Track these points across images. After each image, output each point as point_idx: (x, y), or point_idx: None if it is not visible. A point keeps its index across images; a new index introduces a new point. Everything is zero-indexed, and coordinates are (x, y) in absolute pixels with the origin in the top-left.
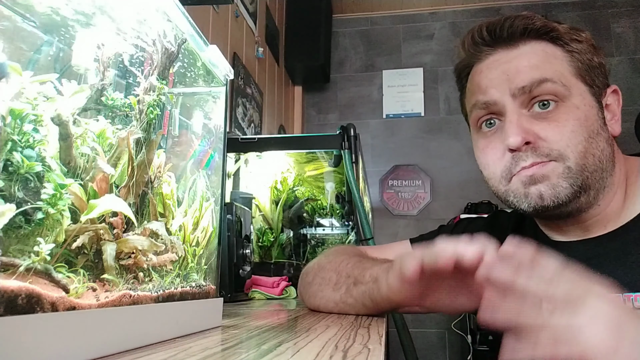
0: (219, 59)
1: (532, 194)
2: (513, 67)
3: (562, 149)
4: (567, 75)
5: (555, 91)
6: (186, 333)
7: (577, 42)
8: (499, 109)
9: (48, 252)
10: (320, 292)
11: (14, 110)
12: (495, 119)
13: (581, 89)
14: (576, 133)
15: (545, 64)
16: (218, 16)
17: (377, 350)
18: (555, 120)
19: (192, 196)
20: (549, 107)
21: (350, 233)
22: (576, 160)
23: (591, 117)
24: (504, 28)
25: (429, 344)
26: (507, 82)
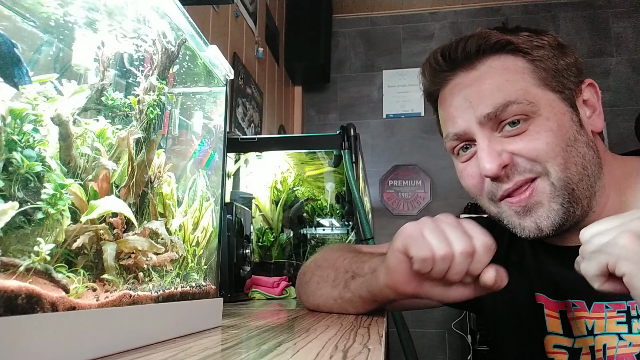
0: (219, 59)
1: (528, 226)
2: (474, 92)
3: (542, 163)
4: (532, 89)
5: (522, 111)
6: (186, 333)
7: (539, 49)
8: (469, 137)
9: (48, 252)
10: (319, 290)
11: (14, 110)
12: (470, 145)
13: (549, 99)
14: (551, 144)
15: (506, 84)
16: (218, 16)
17: (377, 350)
18: (528, 134)
19: (192, 196)
20: (518, 124)
21: (350, 233)
22: (557, 174)
23: (565, 124)
24: (457, 50)
25: (429, 344)
26: (472, 110)
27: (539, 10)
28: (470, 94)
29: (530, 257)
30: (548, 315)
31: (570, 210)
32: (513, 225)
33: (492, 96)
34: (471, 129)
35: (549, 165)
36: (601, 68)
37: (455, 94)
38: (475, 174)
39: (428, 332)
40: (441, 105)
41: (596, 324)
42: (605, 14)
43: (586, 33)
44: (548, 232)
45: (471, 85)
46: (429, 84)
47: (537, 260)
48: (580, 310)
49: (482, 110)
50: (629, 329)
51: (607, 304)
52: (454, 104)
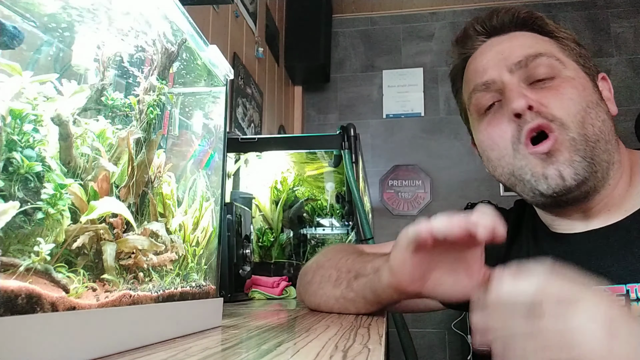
0: (219, 59)
1: (552, 174)
2: (506, 47)
3: (563, 117)
4: (559, 54)
5: (550, 64)
6: (186, 333)
7: (562, 32)
8: (498, 86)
9: (48, 252)
10: (321, 289)
11: (14, 110)
12: (495, 103)
13: (574, 67)
14: (574, 102)
15: (537, 44)
16: (218, 16)
17: (377, 350)
18: (554, 89)
19: (192, 196)
20: (545, 81)
21: (350, 233)
22: (576, 129)
23: (588, 88)
24: (493, 19)
25: (429, 344)
26: (503, 61)
27: (539, 10)
28: (502, 49)
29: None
30: None
31: (593, 166)
32: (536, 176)
33: (523, 49)
34: (501, 76)
35: (568, 120)
36: (601, 68)
37: (487, 51)
38: (502, 122)
39: (428, 332)
40: (469, 67)
41: None
42: (605, 14)
43: (586, 33)
44: (572, 183)
45: (502, 43)
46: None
47: (539, 250)
48: None
49: (513, 59)
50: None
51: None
52: (485, 59)
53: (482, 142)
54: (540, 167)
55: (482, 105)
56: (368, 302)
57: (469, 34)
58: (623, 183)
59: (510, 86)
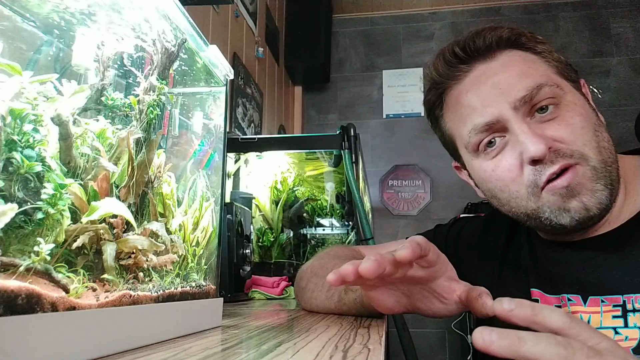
0: (219, 59)
1: (575, 207)
2: (503, 79)
3: (581, 148)
4: (552, 75)
5: (553, 93)
6: (186, 333)
7: (542, 44)
8: (502, 125)
9: (48, 252)
10: (314, 299)
11: (14, 110)
12: (496, 138)
13: (568, 86)
14: (586, 129)
15: (531, 70)
16: (218, 16)
17: (377, 350)
18: (563, 120)
19: (192, 196)
20: (547, 110)
21: (350, 233)
22: (596, 157)
23: (588, 109)
24: (477, 42)
25: (429, 344)
26: (504, 96)
27: (539, 10)
28: (499, 81)
29: (527, 254)
30: None
31: (612, 191)
32: (555, 212)
33: (522, 81)
34: (504, 115)
35: (587, 150)
36: (601, 68)
37: (480, 84)
38: (514, 165)
39: (428, 332)
40: (458, 100)
41: (592, 319)
42: (605, 14)
43: (586, 33)
44: (595, 212)
45: (497, 74)
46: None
47: (534, 256)
48: (576, 305)
49: (515, 94)
50: (624, 322)
51: (603, 298)
52: (481, 94)
53: (488, 183)
54: (560, 202)
55: (483, 144)
56: (362, 313)
57: (449, 60)
58: (621, 194)
59: (520, 127)
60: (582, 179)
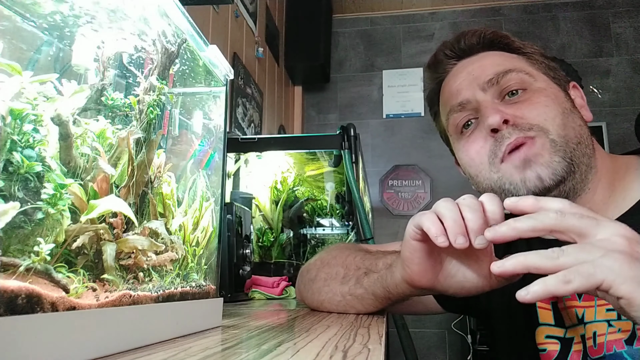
0: (219, 59)
1: (530, 177)
2: (477, 67)
3: (541, 122)
4: (528, 67)
5: (521, 79)
6: (186, 333)
7: (529, 47)
8: (473, 105)
9: (48, 252)
10: (326, 286)
11: (14, 110)
12: (472, 120)
13: (545, 79)
14: (550, 107)
15: (506, 61)
16: (218, 16)
17: (377, 350)
18: (527, 100)
19: (192, 196)
20: (517, 94)
21: (350, 233)
22: (557, 131)
23: (560, 96)
24: (460, 42)
25: (429, 344)
26: (475, 80)
27: (539, 10)
28: (473, 69)
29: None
30: (540, 307)
31: (572, 167)
32: (514, 184)
33: (493, 67)
34: (475, 96)
35: (548, 124)
36: (601, 68)
37: (458, 73)
38: (479, 138)
39: (428, 332)
40: (444, 90)
41: (586, 313)
42: (605, 14)
43: (586, 33)
44: (550, 183)
45: (473, 64)
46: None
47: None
48: (571, 300)
49: (484, 77)
50: (617, 315)
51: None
52: (458, 80)
53: (462, 160)
54: (517, 174)
55: (459, 124)
56: (377, 298)
57: (439, 59)
58: (602, 189)
59: (484, 103)
60: (540, 150)
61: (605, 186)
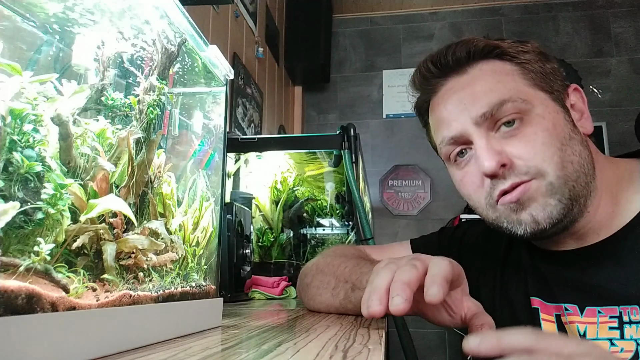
0: (219, 59)
1: (525, 219)
2: (467, 94)
3: (538, 164)
4: (523, 88)
5: (517, 109)
6: (186, 333)
7: (524, 53)
8: (465, 139)
9: (48, 252)
10: (319, 296)
11: (14, 110)
12: (466, 149)
13: (541, 98)
14: (548, 145)
15: (498, 85)
16: (218, 16)
17: (377, 350)
18: (524, 135)
19: (192, 196)
20: (514, 124)
21: (350, 233)
22: (556, 173)
23: (559, 123)
24: (447, 56)
25: (429, 344)
26: (467, 112)
27: (539, 10)
28: (463, 96)
29: (526, 262)
30: (544, 320)
31: (569, 207)
32: (511, 223)
33: (486, 96)
34: (467, 130)
35: (545, 166)
36: (601, 68)
37: (448, 99)
38: (476, 176)
39: (428, 332)
40: (432, 113)
41: (588, 329)
42: (605, 14)
43: (586, 33)
44: (545, 225)
45: (464, 88)
46: (420, 92)
47: (533, 264)
48: (573, 315)
49: (477, 110)
50: (620, 334)
51: (600, 308)
52: (448, 108)
53: (459, 190)
54: (512, 215)
55: (452, 155)
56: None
57: (425, 75)
58: (605, 206)
59: (479, 142)
60: (535, 194)
61: (608, 202)
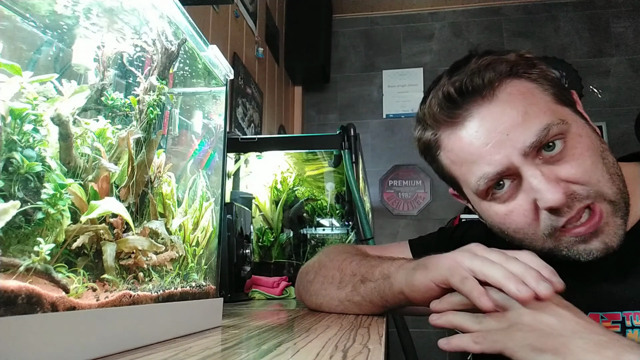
0: (219, 59)
1: (596, 247)
2: (509, 125)
3: (594, 185)
4: (553, 106)
5: (560, 130)
6: (186, 333)
7: (533, 67)
8: (512, 172)
9: (48, 252)
10: (323, 290)
11: (14, 110)
12: (505, 180)
13: (569, 114)
14: (596, 163)
15: (534, 107)
16: (218, 16)
17: (377, 350)
18: (573, 158)
19: (192, 196)
20: (555, 147)
21: (350, 233)
22: (612, 190)
23: (593, 137)
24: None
25: (429, 344)
26: (512, 142)
27: (539, 10)
28: (505, 127)
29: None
30: None
31: (626, 219)
32: (576, 252)
33: (529, 124)
34: (515, 163)
35: (601, 186)
36: (601, 68)
37: (486, 130)
38: (528, 210)
39: (428, 332)
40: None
41: None
42: (605, 14)
43: (586, 33)
44: (614, 247)
45: (500, 118)
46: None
47: None
48: None
49: (525, 140)
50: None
51: (603, 314)
52: (486, 141)
53: (501, 225)
54: (581, 245)
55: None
56: (375, 305)
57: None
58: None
59: (533, 173)
60: (606, 219)
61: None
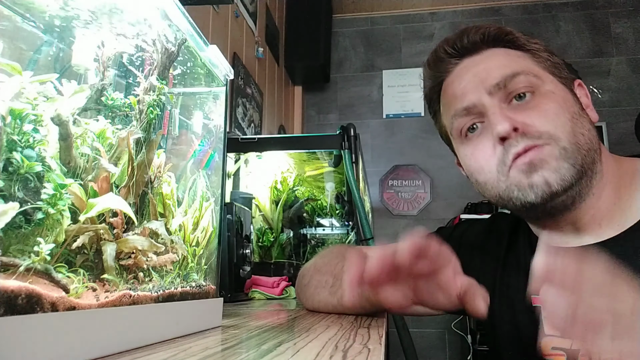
0: (219, 59)
1: (537, 182)
2: (482, 68)
3: (551, 130)
4: (535, 68)
5: (529, 82)
6: (186, 333)
7: (533, 44)
8: (479, 110)
9: (48, 252)
10: (317, 295)
11: (14, 110)
12: (477, 124)
13: (551, 79)
14: (559, 115)
15: (512, 62)
16: (218, 16)
17: (377, 350)
18: (536, 106)
19: (192, 196)
20: (525, 98)
21: (350, 233)
22: (568, 139)
23: (569, 99)
24: (463, 39)
25: (429, 344)
26: (481, 83)
27: (539, 10)
28: (478, 71)
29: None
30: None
31: (580, 174)
32: (522, 189)
33: (499, 69)
34: (481, 100)
35: (558, 132)
36: (601, 68)
37: (464, 75)
38: (488, 146)
39: (428, 332)
40: (446, 90)
41: None
42: (605, 14)
43: (586, 33)
44: (557, 188)
45: (478, 65)
46: (434, 73)
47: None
48: None
49: (490, 81)
50: None
51: None
52: (463, 83)
53: (469, 167)
54: (525, 179)
55: (464, 128)
56: (366, 309)
57: (440, 57)
58: (608, 195)
59: (492, 109)
60: (547, 157)
61: (611, 193)
